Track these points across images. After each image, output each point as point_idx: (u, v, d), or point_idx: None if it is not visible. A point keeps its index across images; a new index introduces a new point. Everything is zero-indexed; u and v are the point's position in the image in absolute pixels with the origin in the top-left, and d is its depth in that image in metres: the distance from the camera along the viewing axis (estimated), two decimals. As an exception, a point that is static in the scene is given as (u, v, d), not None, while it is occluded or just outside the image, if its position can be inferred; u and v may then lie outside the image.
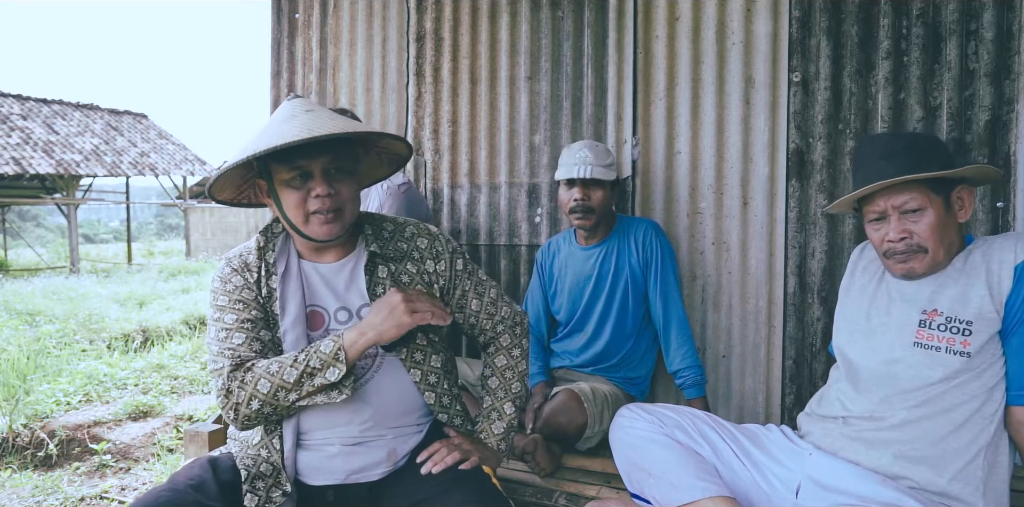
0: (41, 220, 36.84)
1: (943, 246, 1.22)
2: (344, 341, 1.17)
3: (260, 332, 1.24)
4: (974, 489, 1.16)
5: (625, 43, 2.31)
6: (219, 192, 1.28)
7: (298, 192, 1.20)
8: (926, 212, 1.21)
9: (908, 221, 1.22)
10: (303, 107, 1.22)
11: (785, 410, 2.14)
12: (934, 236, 1.20)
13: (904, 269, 1.25)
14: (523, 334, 1.46)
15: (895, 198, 1.22)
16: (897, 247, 1.23)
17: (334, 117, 1.21)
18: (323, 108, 1.25)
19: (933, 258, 1.22)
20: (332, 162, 1.20)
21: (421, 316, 1.17)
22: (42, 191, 15.23)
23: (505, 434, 1.37)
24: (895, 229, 1.23)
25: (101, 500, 2.57)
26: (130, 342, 5.56)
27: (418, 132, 2.70)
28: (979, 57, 1.87)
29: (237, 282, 1.28)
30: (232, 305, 1.26)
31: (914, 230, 1.21)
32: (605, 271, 2.05)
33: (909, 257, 1.23)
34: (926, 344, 1.22)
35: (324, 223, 1.21)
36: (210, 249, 16.51)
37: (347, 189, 1.23)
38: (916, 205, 1.20)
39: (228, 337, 1.23)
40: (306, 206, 1.21)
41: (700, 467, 1.28)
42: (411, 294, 1.19)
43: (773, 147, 2.12)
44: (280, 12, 2.97)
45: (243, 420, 1.19)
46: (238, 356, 1.21)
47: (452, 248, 1.38)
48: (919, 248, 1.22)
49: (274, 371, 1.17)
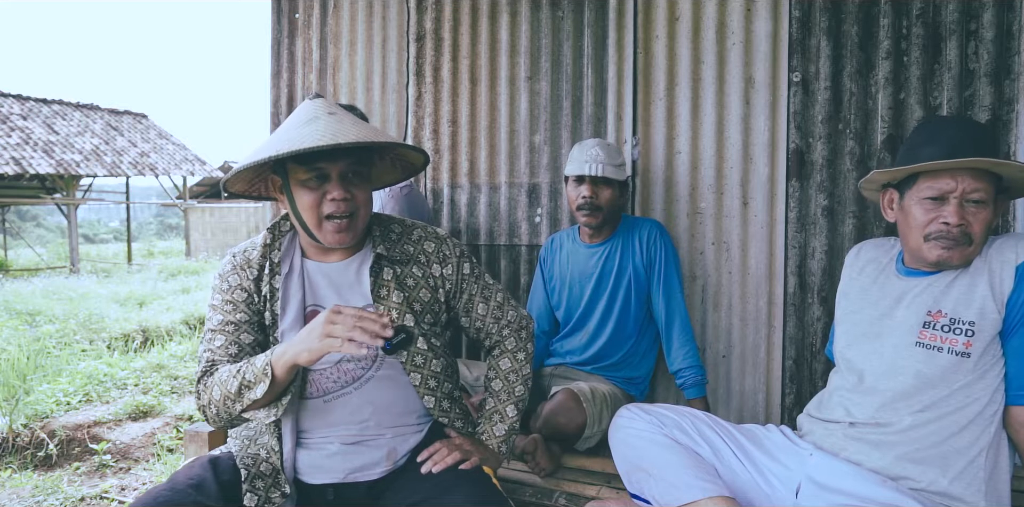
0: (41, 220, 36.84)
1: (981, 245, 1.22)
2: (273, 355, 1.10)
3: (241, 335, 1.25)
4: (976, 489, 1.16)
5: (625, 43, 2.31)
6: (232, 184, 1.28)
7: (314, 193, 1.20)
8: (986, 207, 1.19)
9: (968, 210, 1.19)
10: (325, 109, 1.21)
11: (785, 410, 2.14)
12: (983, 232, 1.20)
13: (943, 257, 1.21)
14: (528, 338, 1.46)
15: (972, 183, 1.17)
16: (952, 232, 1.19)
17: (356, 122, 1.20)
18: (344, 110, 1.24)
19: (972, 253, 1.21)
20: (351, 167, 1.20)
21: (330, 343, 1.02)
22: (42, 191, 15.22)
23: (506, 436, 1.37)
24: (955, 214, 1.18)
25: (101, 500, 2.57)
26: (130, 342, 5.56)
27: (418, 132, 2.70)
28: (979, 57, 1.87)
29: (233, 281, 1.28)
30: (222, 305, 1.27)
31: (971, 221, 1.19)
32: (608, 270, 2.05)
33: (955, 246, 1.19)
34: (928, 344, 1.22)
35: (337, 231, 1.21)
36: (210, 249, 16.51)
37: (362, 193, 1.23)
38: (983, 197, 1.18)
39: (212, 338, 1.25)
40: (321, 208, 1.20)
41: (700, 467, 1.28)
42: (341, 315, 1.03)
43: (773, 147, 2.12)
44: (280, 12, 2.97)
45: (213, 421, 1.21)
46: (211, 361, 1.23)
47: (459, 252, 1.38)
48: (968, 239, 1.19)
49: (223, 380, 1.15)
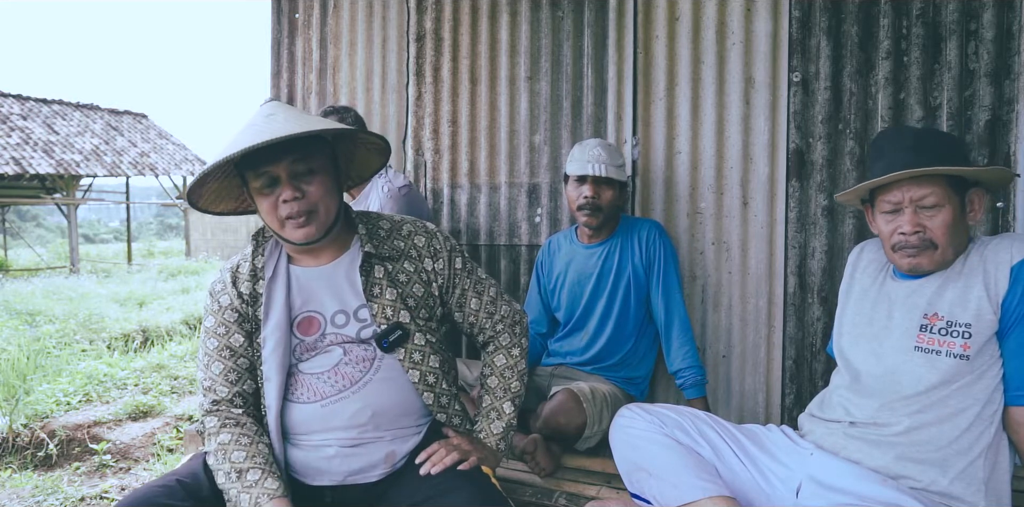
0: (41, 220, 36.81)
1: (952, 245, 1.22)
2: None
3: (238, 360, 1.27)
4: (975, 489, 1.16)
5: (625, 43, 2.31)
6: (214, 205, 1.31)
7: (268, 198, 1.20)
8: (943, 209, 1.20)
9: (923, 216, 1.21)
10: (265, 112, 1.21)
11: (785, 410, 2.14)
12: (946, 234, 1.20)
13: (911, 264, 1.24)
14: (522, 333, 1.46)
15: (916, 191, 1.20)
16: (910, 240, 1.22)
17: (290, 119, 1.18)
18: (287, 110, 1.23)
19: (942, 256, 1.22)
20: (296, 164, 1.19)
21: None
22: (42, 191, 15.21)
23: (504, 433, 1.37)
24: (910, 222, 1.21)
25: (101, 500, 2.57)
26: (130, 342, 5.55)
27: (418, 132, 2.70)
28: (979, 57, 1.87)
29: (224, 301, 1.29)
30: (215, 328, 1.28)
31: (928, 225, 1.21)
32: (607, 270, 2.05)
33: (919, 252, 1.22)
34: (926, 348, 1.22)
35: (298, 227, 1.21)
36: (210, 249, 16.50)
37: (317, 189, 1.22)
38: (934, 201, 1.20)
39: (209, 364, 1.27)
40: (278, 211, 1.20)
41: (700, 467, 1.28)
42: None
43: (773, 147, 2.11)
44: (280, 12, 2.97)
45: None
46: (213, 391, 1.25)
47: (451, 246, 1.38)
48: (930, 244, 1.21)
49: (216, 461, 1.18)
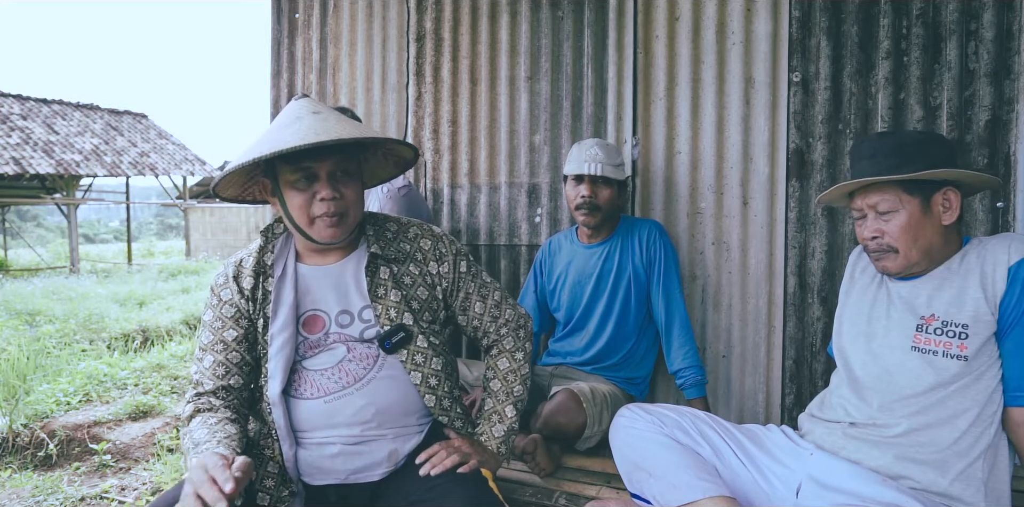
0: (41, 220, 36.82)
1: (916, 247, 1.23)
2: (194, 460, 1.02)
3: (229, 355, 1.27)
4: (975, 490, 1.16)
5: (625, 43, 2.31)
6: (223, 189, 1.29)
7: (303, 194, 1.20)
8: (898, 213, 1.23)
9: (881, 221, 1.25)
10: (309, 108, 1.21)
11: (785, 410, 2.14)
12: (904, 237, 1.22)
13: (879, 267, 1.29)
14: (526, 337, 1.46)
15: (869, 198, 1.26)
16: (870, 245, 1.28)
17: (341, 120, 1.20)
18: (329, 109, 1.25)
19: (905, 259, 1.24)
20: (338, 165, 1.20)
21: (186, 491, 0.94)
22: (42, 191, 15.21)
23: (505, 437, 1.37)
24: (868, 228, 1.27)
25: (101, 500, 2.57)
26: (130, 342, 5.55)
27: (418, 132, 2.70)
28: (979, 57, 1.87)
29: (224, 296, 1.29)
30: (212, 322, 1.28)
31: (885, 230, 1.24)
32: (607, 270, 2.05)
33: (882, 256, 1.27)
34: (923, 348, 1.22)
35: (329, 226, 1.22)
36: (210, 249, 16.51)
37: (352, 192, 1.24)
38: (888, 207, 1.24)
39: (202, 357, 1.27)
40: (311, 209, 1.21)
41: (700, 467, 1.28)
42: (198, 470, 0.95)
43: (773, 147, 2.12)
44: (280, 12, 2.97)
45: None
46: (200, 384, 1.25)
47: (456, 250, 1.38)
48: (889, 248, 1.25)
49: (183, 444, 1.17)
